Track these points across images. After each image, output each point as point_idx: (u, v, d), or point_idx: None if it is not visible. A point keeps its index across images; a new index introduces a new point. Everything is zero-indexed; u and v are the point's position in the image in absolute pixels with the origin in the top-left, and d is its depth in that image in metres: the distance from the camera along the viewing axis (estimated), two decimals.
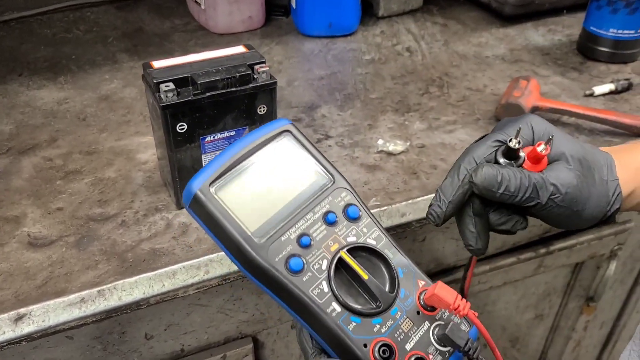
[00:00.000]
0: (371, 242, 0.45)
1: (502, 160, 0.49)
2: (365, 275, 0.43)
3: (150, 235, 0.66)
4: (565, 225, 0.52)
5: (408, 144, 0.80)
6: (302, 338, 0.45)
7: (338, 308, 0.42)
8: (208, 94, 0.63)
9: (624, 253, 1.00)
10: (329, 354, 0.43)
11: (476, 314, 0.43)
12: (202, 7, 1.09)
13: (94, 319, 0.58)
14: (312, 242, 0.43)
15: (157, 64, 0.65)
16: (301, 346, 0.45)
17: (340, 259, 0.43)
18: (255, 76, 0.65)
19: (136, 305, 0.60)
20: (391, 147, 0.78)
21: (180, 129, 0.63)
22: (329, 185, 0.46)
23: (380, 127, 0.84)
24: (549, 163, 0.50)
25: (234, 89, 0.64)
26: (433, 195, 0.51)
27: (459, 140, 0.82)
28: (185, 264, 0.61)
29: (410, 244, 0.79)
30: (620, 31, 0.95)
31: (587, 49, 1.00)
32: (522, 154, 0.49)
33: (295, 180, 0.46)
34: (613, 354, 1.22)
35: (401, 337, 0.43)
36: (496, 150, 0.50)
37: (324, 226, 0.44)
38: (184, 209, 0.68)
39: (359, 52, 1.04)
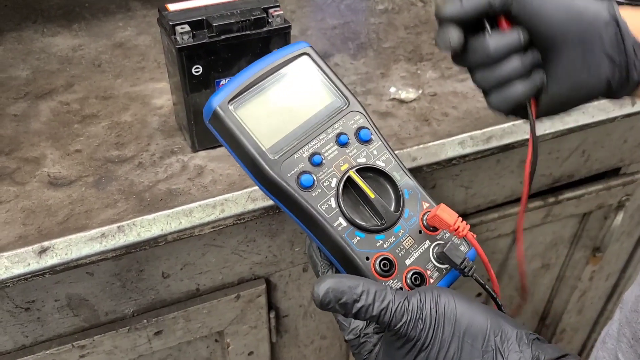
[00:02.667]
0: (380, 164, 0.47)
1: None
2: (372, 194, 0.45)
3: (166, 176, 0.67)
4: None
5: (420, 92, 0.81)
6: (311, 252, 0.47)
7: (344, 223, 0.44)
8: (223, 37, 0.63)
9: (632, 204, 1.01)
10: (337, 267, 0.45)
11: (474, 236, 0.45)
12: None
13: (114, 254, 0.61)
14: (323, 161, 0.46)
15: (173, 6, 0.65)
16: (310, 260, 0.47)
17: (349, 178, 0.45)
18: (269, 20, 0.65)
19: (154, 242, 0.62)
20: (403, 95, 0.79)
21: (195, 72, 0.64)
22: (344, 107, 0.48)
23: (393, 76, 0.84)
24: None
25: (248, 32, 0.64)
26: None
27: (471, 89, 0.82)
28: (201, 202, 0.63)
29: None
30: None
31: None
32: None
33: (310, 101, 0.48)
34: (618, 305, 1.24)
35: (402, 253, 0.45)
36: None
37: (335, 147, 0.46)
38: (199, 152, 0.70)
39: (372, 1, 1.03)
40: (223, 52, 0.64)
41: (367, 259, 0.44)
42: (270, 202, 0.65)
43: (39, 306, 0.66)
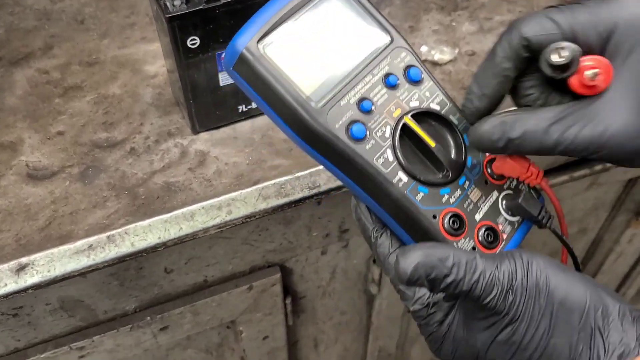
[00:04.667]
0: (435, 107, 0.41)
1: (546, 63, 0.36)
2: (432, 143, 0.40)
3: (163, 165, 0.58)
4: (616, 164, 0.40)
5: (456, 51, 0.69)
6: (359, 214, 0.41)
7: (405, 178, 0.39)
8: (223, 1, 0.52)
9: None
10: (391, 228, 0.40)
11: (549, 182, 0.39)
12: None
13: (104, 266, 0.52)
14: (373, 107, 0.39)
15: None
16: (359, 222, 0.42)
17: (405, 126, 0.40)
18: None
19: (151, 249, 0.53)
20: (437, 56, 0.67)
21: (191, 44, 0.53)
22: (388, 44, 0.41)
23: (424, 30, 0.72)
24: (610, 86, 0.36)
25: None
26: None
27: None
28: (204, 203, 0.54)
29: None
30: None
31: None
32: (576, 64, 0.36)
33: (351, 39, 0.41)
34: None
35: (470, 207, 0.41)
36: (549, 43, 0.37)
37: (384, 89, 0.40)
38: (200, 134, 0.60)
39: None
40: (224, 20, 0.53)
41: (435, 217, 0.39)
42: (284, 200, 0.56)
43: (28, 311, 0.59)
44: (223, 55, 0.55)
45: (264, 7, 0.39)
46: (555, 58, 0.35)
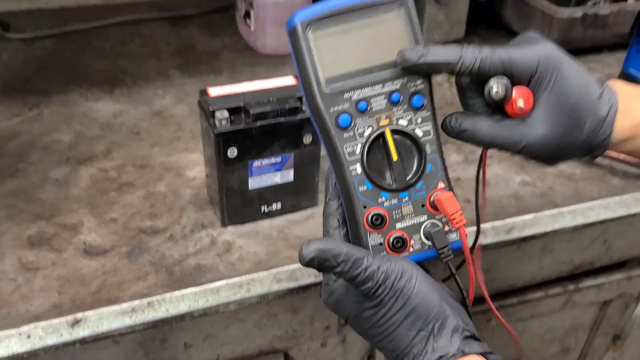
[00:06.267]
0: (418, 132, 0.49)
1: (488, 93, 0.48)
2: (395, 157, 0.48)
3: (196, 250, 0.70)
4: (535, 161, 0.53)
5: None
6: (328, 180, 0.52)
7: (359, 170, 0.48)
8: (259, 123, 0.67)
9: None
10: (342, 201, 0.50)
11: (466, 232, 0.49)
12: (252, 29, 1.14)
13: (142, 328, 0.63)
14: (367, 109, 0.47)
15: (213, 91, 0.69)
16: (325, 184, 0.52)
17: (382, 134, 0.48)
18: (303, 108, 0.69)
19: (181, 318, 0.64)
20: None
21: (230, 154, 0.68)
22: None
23: None
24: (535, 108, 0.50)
25: (282, 119, 0.68)
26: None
27: (494, 175, 0.84)
28: (228, 281, 0.65)
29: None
30: None
31: None
32: (509, 94, 0.48)
33: (385, 49, 0.48)
34: None
35: (397, 215, 0.49)
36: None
37: (385, 101, 0.48)
38: (228, 228, 0.73)
39: None
40: (258, 137, 0.68)
41: (365, 207, 0.48)
42: (294, 284, 0.67)
43: None
44: (255, 164, 0.70)
45: None
46: (495, 90, 0.47)
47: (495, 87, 0.47)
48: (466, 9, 1.20)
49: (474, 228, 0.57)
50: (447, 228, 0.50)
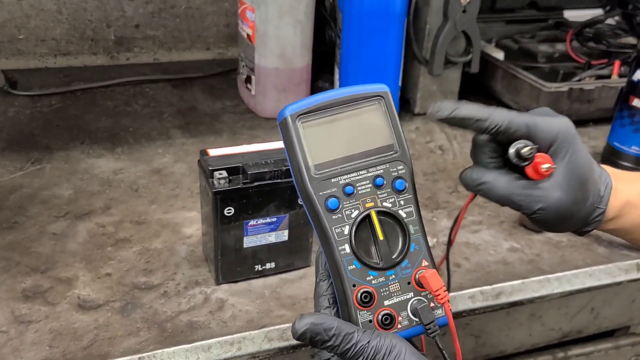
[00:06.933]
0: (402, 214, 0.52)
1: (515, 152, 0.52)
2: (381, 237, 0.51)
3: (189, 307, 0.71)
4: (537, 224, 0.56)
5: (435, 240, 0.85)
6: (318, 260, 0.53)
7: (347, 250, 0.50)
8: (256, 184, 0.69)
9: None
10: (332, 280, 0.52)
11: (451, 308, 0.50)
12: (253, 92, 1.18)
13: None
14: (354, 193, 0.51)
15: (213, 152, 0.72)
16: (315, 265, 0.53)
17: (368, 215, 0.51)
18: None
19: None
20: None
21: (227, 213, 0.70)
22: (393, 154, 0.52)
23: None
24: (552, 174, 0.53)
25: (279, 180, 0.70)
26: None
27: (483, 241, 0.86)
28: (219, 339, 0.66)
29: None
30: None
31: (611, 162, 1.05)
32: (530, 156, 0.52)
33: (368, 137, 0.52)
34: None
35: (385, 293, 0.51)
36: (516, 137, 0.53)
37: (370, 185, 0.51)
38: (222, 285, 0.74)
39: None
40: (254, 197, 0.70)
41: (354, 286, 0.50)
42: (285, 343, 0.68)
43: None
44: (250, 223, 0.72)
45: (318, 94, 0.51)
46: (525, 151, 0.51)
47: (526, 148, 0.52)
48: (458, 80, 1.26)
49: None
50: (432, 304, 0.52)
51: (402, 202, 0.52)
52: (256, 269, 0.75)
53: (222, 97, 1.27)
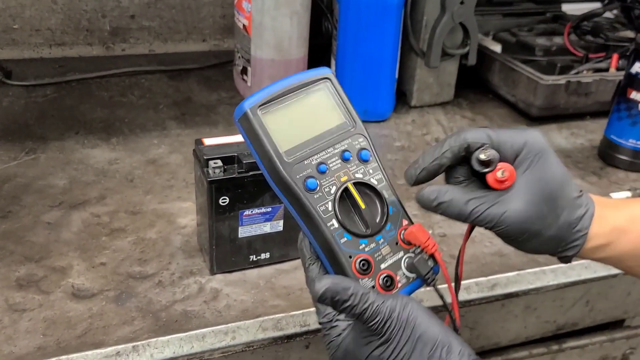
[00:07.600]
0: (373, 181, 0.54)
1: (475, 159, 0.52)
2: (362, 205, 0.53)
3: (183, 297, 0.70)
4: (507, 241, 0.55)
5: (430, 232, 0.85)
6: (302, 246, 0.53)
7: (336, 224, 0.52)
8: (251, 173, 0.69)
9: (636, 357, 1.01)
10: (321, 260, 0.53)
11: (441, 254, 0.53)
12: (249, 84, 1.18)
13: None
14: (327, 170, 0.53)
15: (208, 141, 0.72)
16: (300, 252, 0.54)
17: (346, 189, 0.53)
18: None
19: None
20: None
21: (222, 202, 0.69)
22: (351, 129, 0.55)
23: None
24: (514, 185, 0.52)
25: None
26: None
27: (479, 233, 0.86)
28: (214, 328, 0.66)
29: None
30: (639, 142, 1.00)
31: (607, 155, 1.05)
32: (494, 164, 0.52)
33: (325, 118, 0.55)
34: None
35: (379, 257, 0.53)
36: (480, 146, 0.52)
37: (339, 160, 0.54)
38: (217, 275, 0.74)
39: (390, 138, 1.11)
40: (249, 186, 0.70)
41: (350, 257, 0.52)
42: (279, 333, 0.68)
43: None
44: (245, 213, 0.71)
45: (270, 85, 0.52)
46: (482, 156, 0.51)
47: (483, 154, 0.51)
48: (455, 73, 1.25)
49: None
50: (423, 256, 0.54)
51: (370, 171, 0.55)
52: (251, 259, 0.75)
53: (218, 89, 1.27)
